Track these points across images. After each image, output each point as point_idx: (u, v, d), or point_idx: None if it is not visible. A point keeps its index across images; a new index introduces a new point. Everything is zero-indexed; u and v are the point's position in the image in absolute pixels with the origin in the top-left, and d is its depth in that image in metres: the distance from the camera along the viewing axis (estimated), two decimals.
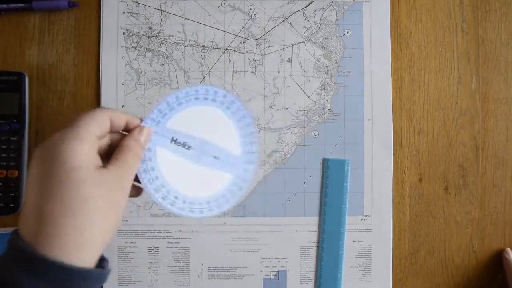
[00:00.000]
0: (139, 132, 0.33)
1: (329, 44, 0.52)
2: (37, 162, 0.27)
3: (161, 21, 0.51)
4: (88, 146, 0.28)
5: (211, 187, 0.38)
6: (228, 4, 0.52)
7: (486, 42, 0.52)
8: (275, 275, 0.51)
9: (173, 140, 0.37)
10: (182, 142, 0.37)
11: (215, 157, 0.37)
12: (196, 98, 0.38)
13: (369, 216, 0.51)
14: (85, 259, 0.26)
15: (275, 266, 0.51)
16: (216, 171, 0.38)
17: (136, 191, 0.35)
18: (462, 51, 0.52)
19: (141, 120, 0.35)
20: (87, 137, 0.28)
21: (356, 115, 0.51)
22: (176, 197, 0.37)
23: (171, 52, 0.51)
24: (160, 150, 0.36)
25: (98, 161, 0.29)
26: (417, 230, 0.51)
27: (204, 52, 0.51)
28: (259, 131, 0.51)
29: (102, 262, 0.29)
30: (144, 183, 0.36)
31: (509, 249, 0.51)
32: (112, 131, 0.32)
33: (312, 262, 0.51)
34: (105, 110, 0.31)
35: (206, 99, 0.38)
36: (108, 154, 0.32)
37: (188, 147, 0.37)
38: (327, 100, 0.51)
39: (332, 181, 0.51)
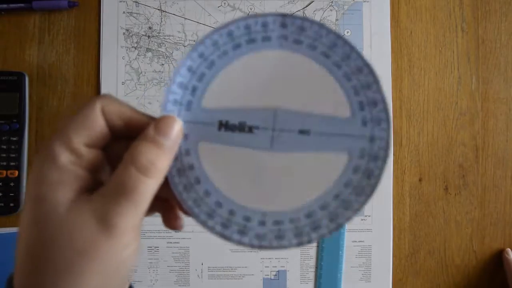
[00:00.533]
0: (156, 127, 0.20)
1: None
2: (27, 185, 0.21)
3: (161, 21, 0.51)
4: (56, 167, 0.19)
5: (310, 187, 0.22)
6: (228, 4, 0.52)
7: (486, 42, 0.52)
8: (275, 275, 0.51)
9: (222, 124, 0.22)
10: (237, 124, 0.22)
11: (301, 132, 0.21)
12: (236, 47, 0.22)
13: (369, 216, 0.51)
14: None
15: (275, 266, 0.51)
16: (315, 155, 0.22)
17: (175, 221, 0.24)
18: (462, 51, 0.52)
19: (152, 119, 0.21)
20: (59, 152, 0.19)
21: None
22: (247, 219, 0.22)
23: (171, 52, 0.51)
24: (205, 148, 0.22)
25: (84, 183, 0.20)
26: (417, 230, 0.51)
27: None
28: None
29: None
30: (189, 206, 0.22)
31: (509, 249, 0.50)
32: (114, 132, 0.21)
33: (312, 262, 0.51)
34: (94, 103, 0.20)
35: (252, 41, 0.22)
36: None
37: (250, 129, 0.22)
38: None
39: None
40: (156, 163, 0.19)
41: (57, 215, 0.19)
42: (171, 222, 0.24)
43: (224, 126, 0.22)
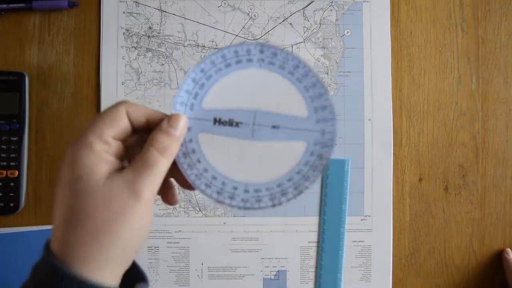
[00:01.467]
0: (168, 122, 0.27)
1: (329, 44, 0.52)
2: (60, 169, 0.26)
3: (161, 21, 0.51)
4: (92, 153, 0.25)
5: (280, 165, 0.30)
6: (228, 4, 0.52)
7: (486, 42, 0.52)
8: (275, 275, 0.51)
9: (216, 120, 0.30)
10: (227, 120, 0.30)
11: (273, 127, 0.30)
12: (227, 65, 0.31)
13: (369, 216, 0.51)
14: (96, 278, 0.24)
15: (275, 266, 0.51)
16: (282, 144, 0.30)
17: (172, 197, 0.31)
18: (462, 51, 0.52)
19: (165, 115, 0.28)
20: (94, 142, 0.25)
21: (356, 115, 0.51)
22: (235, 188, 0.30)
23: (171, 52, 0.51)
24: (204, 137, 0.30)
25: (113, 166, 0.26)
26: (417, 230, 0.51)
27: (204, 52, 0.51)
28: None
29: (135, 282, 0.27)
30: (192, 180, 0.29)
31: (509, 249, 0.51)
32: (134, 128, 0.28)
33: (312, 262, 0.51)
34: (120, 105, 0.27)
35: (239, 62, 0.31)
36: None
37: (237, 124, 0.30)
38: None
39: (332, 181, 0.51)
40: (169, 147, 0.27)
41: (96, 187, 0.24)
42: (169, 198, 0.30)
43: (218, 121, 0.30)
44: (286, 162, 0.30)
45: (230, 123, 0.30)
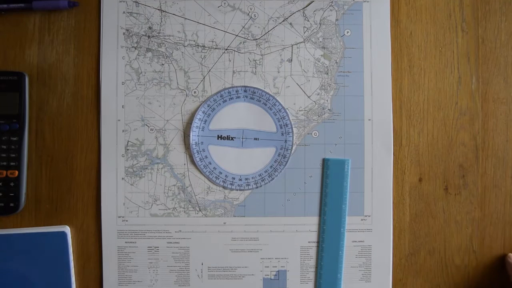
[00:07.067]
0: None
1: (329, 44, 0.52)
2: None
3: (161, 21, 0.51)
4: None
5: (260, 163, 0.48)
6: (228, 4, 0.52)
7: (486, 42, 0.52)
8: (275, 275, 0.51)
9: (219, 136, 0.48)
10: (226, 136, 0.48)
11: (255, 139, 0.48)
12: (224, 101, 0.48)
13: (369, 216, 0.51)
14: None
15: (275, 266, 0.51)
16: (260, 149, 0.48)
17: None
18: (462, 51, 0.52)
19: None
20: None
21: (356, 115, 0.51)
22: (233, 178, 0.48)
23: (171, 52, 0.51)
24: (212, 148, 0.48)
25: None
26: (417, 230, 0.51)
27: (204, 52, 0.51)
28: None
29: None
30: (206, 175, 0.48)
31: (510, 254, 0.50)
32: None
33: (312, 262, 0.51)
34: None
35: (231, 98, 0.48)
36: None
37: (232, 138, 0.48)
38: (327, 100, 0.51)
39: (332, 181, 0.51)
40: None
41: None
42: None
43: (220, 137, 0.48)
44: (263, 161, 0.48)
45: (228, 138, 0.48)
